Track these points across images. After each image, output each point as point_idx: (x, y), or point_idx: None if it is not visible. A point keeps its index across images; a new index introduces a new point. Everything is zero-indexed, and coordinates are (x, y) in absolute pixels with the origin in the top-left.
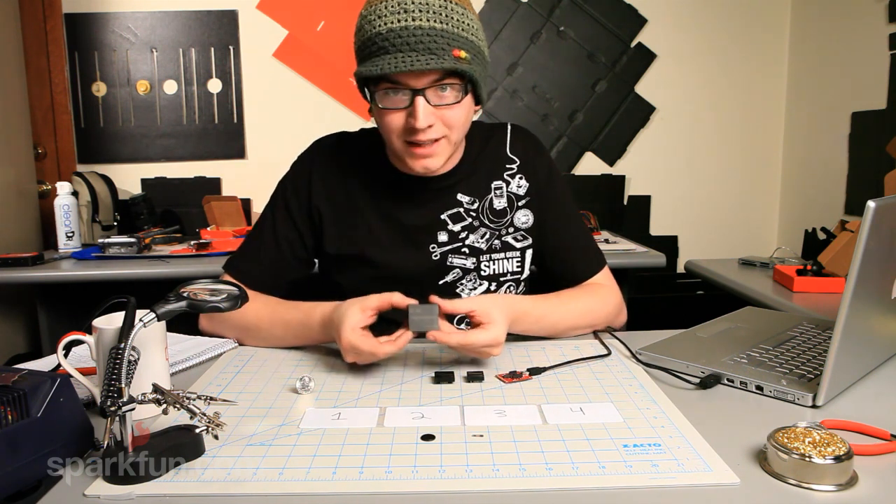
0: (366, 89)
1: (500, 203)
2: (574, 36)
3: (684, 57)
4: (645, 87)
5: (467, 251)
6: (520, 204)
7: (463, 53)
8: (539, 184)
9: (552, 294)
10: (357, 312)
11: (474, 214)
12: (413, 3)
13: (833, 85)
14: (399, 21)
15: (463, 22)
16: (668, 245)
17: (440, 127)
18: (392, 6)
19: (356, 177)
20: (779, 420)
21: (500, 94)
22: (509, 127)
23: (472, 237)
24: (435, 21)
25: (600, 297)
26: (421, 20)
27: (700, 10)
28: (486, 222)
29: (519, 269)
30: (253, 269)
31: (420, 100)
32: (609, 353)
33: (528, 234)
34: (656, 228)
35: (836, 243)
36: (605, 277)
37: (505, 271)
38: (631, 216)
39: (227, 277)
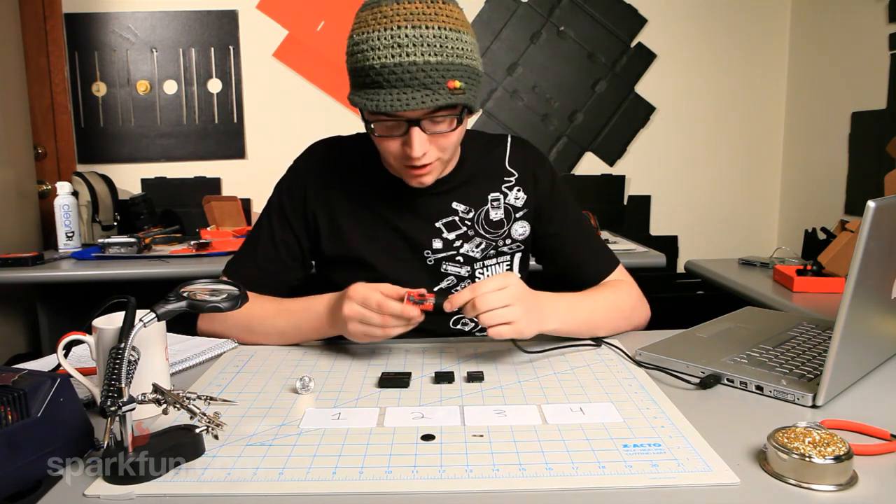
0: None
1: (496, 214)
2: (574, 36)
3: (684, 57)
4: (645, 87)
5: (462, 259)
6: (517, 216)
7: (457, 83)
8: (541, 196)
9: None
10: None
11: (469, 223)
12: (407, 36)
13: (833, 85)
14: (393, 57)
15: (458, 48)
16: (668, 245)
17: (434, 152)
18: (385, 39)
19: (351, 180)
20: (779, 420)
21: (500, 94)
22: (509, 139)
23: (466, 246)
24: (429, 55)
25: (620, 290)
26: (415, 55)
27: (700, 10)
28: (482, 232)
29: (508, 270)
30: (252, 273)
31: (415, 130)
32: (600, 345)
33: (523, 244)
34: (656, 228)
35: (836, 243)
36: (620, 274)
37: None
38: (631, 216)
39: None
